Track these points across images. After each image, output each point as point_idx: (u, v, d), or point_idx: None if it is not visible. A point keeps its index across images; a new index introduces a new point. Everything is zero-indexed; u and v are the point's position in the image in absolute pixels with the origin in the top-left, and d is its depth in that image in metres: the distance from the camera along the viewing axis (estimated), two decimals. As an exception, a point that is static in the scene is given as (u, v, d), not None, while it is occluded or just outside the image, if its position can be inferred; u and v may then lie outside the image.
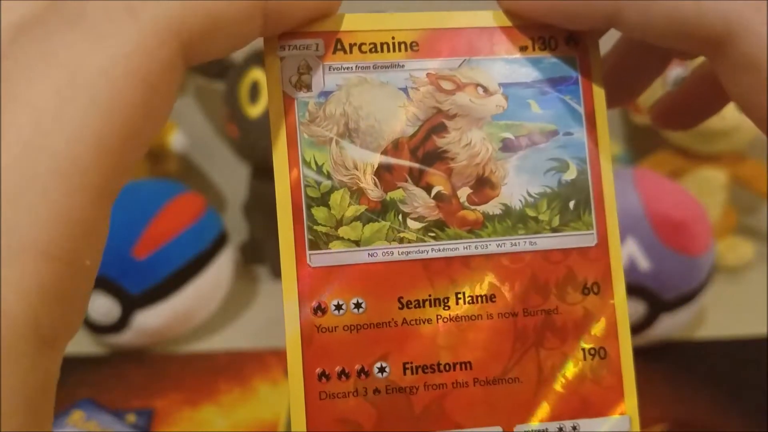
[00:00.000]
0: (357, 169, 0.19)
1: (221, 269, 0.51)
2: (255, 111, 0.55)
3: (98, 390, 0.47)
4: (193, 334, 0.52)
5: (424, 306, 0.19)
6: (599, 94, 0.19)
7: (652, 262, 0.46)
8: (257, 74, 0.55)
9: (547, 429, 0.19)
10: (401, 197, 0.19)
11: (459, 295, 0.19)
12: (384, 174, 0.19)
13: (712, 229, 0.49)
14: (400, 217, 0.19)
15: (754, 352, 0.49)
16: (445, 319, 0.19)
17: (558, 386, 0.19)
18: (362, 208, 0.19)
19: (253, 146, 0.55)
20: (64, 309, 0.14)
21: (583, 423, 0.19)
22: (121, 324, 0.48)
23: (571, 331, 0.19)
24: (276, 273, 0.57)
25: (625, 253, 0.46)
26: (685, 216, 0.47)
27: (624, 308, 0.19)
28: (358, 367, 0.18)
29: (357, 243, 0.19)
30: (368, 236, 0.19)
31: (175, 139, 0.59)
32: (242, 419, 0.45)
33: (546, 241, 0.19)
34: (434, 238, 0.19)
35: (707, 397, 0.46)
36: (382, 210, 0.19)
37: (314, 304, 0.18)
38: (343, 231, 0.19)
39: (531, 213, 0.19)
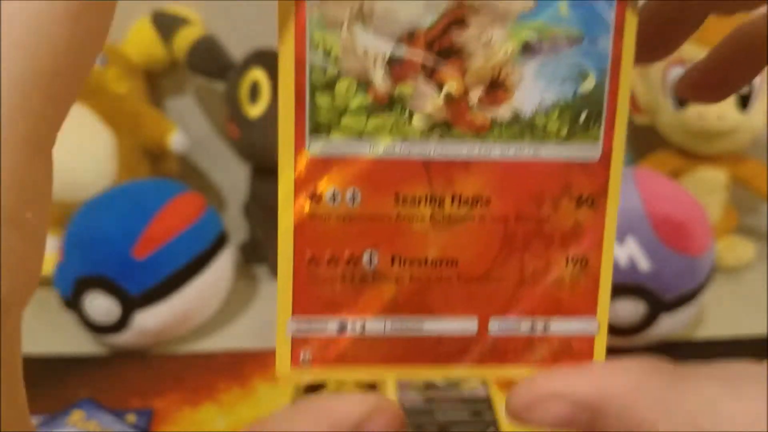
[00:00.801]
0: (367, 58, 0.18)
1: (221, 269, 0.51)
2: (255, 111, 0.55)
3: (98, 390, 0.47)
4: (193, 334, 0.52)
5: (419, 204, 0.19)
6: (633, 6, 0.18)
7: (652, 262, 0.46)
8: (257, 74, 0.55)
9: (520, 324, 0.19)
10: (410, 92, 0.18)
11: (455, 197, 0.19)
12: (395, 66, 0.18)
13: (712, 229, 0.49)
14: (406, 113, 0.18)
15: (754, 352, 0.49)
16: (438, 218, 0.19)
17: (536, 288, 0.19)
18: (368, 99, 0.18)
19: (253, 146, 0.55)
20: (9, 268, 0.13)
21: (554, 322, 0.19)
22: (121, 324, 0.48)
23: (559, 240, 0.19)
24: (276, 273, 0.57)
25: (625, 253, 0.46)
26: (685, 216, 0.47)
27: (613, 224, 0.19)
28: (347, 255, 0.19)
29: (359, 135, 0.18)
30: (371, 129, 0.18)
31: (175, 140, 0.59)
32: (242, 419, 0.45)
33: (549, 151, 0.19)
34: (439, 137, 0.19)
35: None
36: (389, 104, 0.18)
37: (310, 191, 0.18)
38: (346, 121, 0.18)
39: (540, 121, 0.19)
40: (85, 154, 0.54)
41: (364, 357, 0.19)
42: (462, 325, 0.19)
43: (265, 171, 0.58)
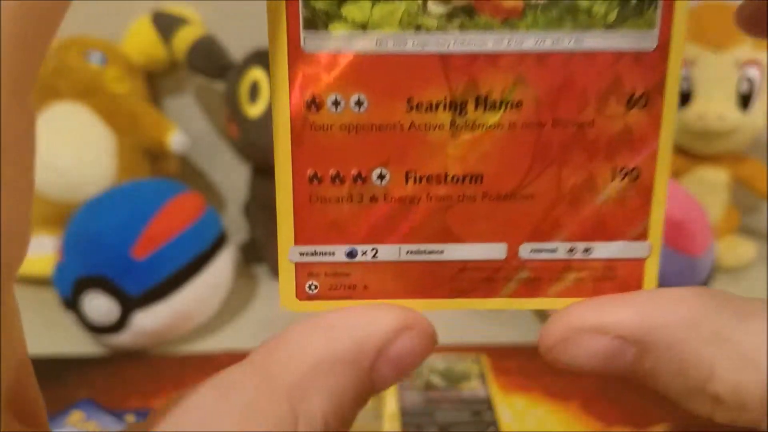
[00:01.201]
0: None
1: (221, 269, 0.51)
2: (255, 110, 0.55)
3: (97, 390, 0.47)
4: (192, 334, 0.52)
5: (436, 110, 0.16)
6: None
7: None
8: (257, 74, 0.55)
9: (556, 248, 0.17)
10: None
11: (479, 100, 0.16)
12: None
13: (712, 229, 0.49)
14: None
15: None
16: (460, 127, 0.16)
17: (576, 206, 0.16)
18: None
19: (253, 146, 0.55)
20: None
21: (598, 246, 0.17)
22: (120, 324, 0.48)
23: (604, 148, 0.16)
24: (276, 273, 0.57)
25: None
26: (685, 216, 0.47)
27: (671, 128, 0.16)
28: (354, 171, 0.16)
29: (363, 27, 0.15)
30: (377, 19, 0.15)
31: (175, 139, 0.59)
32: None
33: (595, 40, 0.16)
34: (459, 27, 0.15)
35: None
36: None
37: (308, 97, 0.16)
38: (347, 10, 0.15)
39: (584, 4, 0.15)
40: (84, 154, 0.54)
41: (377, 287, 0.17)
42: (488, 250, 0.17)
43: (265, 171, 0.58)
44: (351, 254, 0.17)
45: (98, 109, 0.56)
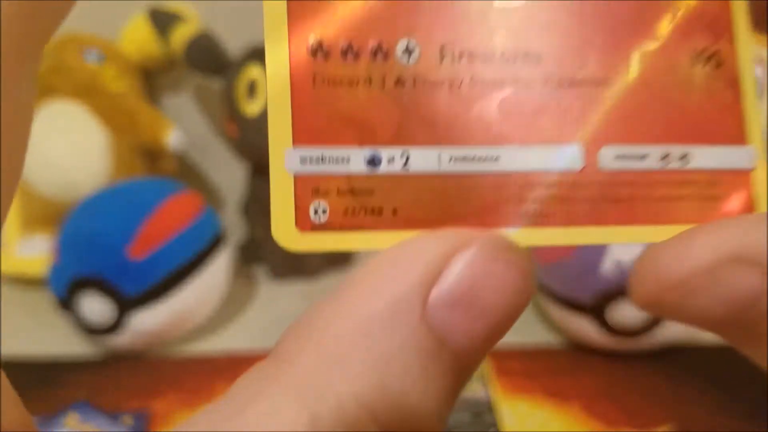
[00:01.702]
0: None
1: (219, 270, 0.51)
2: (253, 109, 0.54)
3: (94, 392, 0.47)
4: (190, 335, 0.52)
5: None
6: None
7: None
8: (255, 71, 0.55)
9: (647, 154, 0.13)
10: None
11: None
12: None
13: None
14: None
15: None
16: None
17: (659, 97, 0.13)
18: None
19: (252, 145, 0.55)
20: None
21: (696, 151, 0.13)
22: (116, 325, 0.48)
23: (680, 24, 0.13)
24: (276, 273, 0.57)
25: (629, 255, 0.46)
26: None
27: (744, 12, 0.13)
28: (373, 43, 0.12)
29: None
30: None
31: (172, 138, 0.59)
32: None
33: None
34: None
35: (712, 398, 0.46)
36: None
37: None
38: None
39: None
40: (80, 153, 0.54)
41: (412, 211, 0.12)
42: (558, 156, 0.13)
43: (264, 170, 0.58)
44: (373, 161, 0.12)
45: (95, 107, 0.56)
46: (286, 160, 0.12)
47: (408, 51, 0.13)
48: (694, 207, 0.13)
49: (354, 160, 0.12)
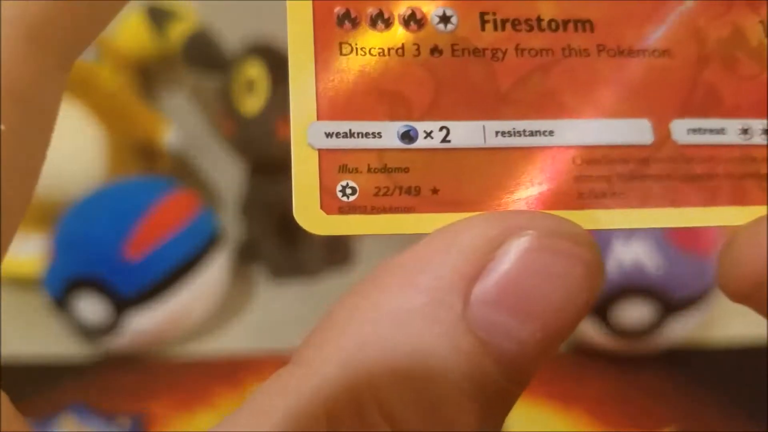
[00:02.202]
0: None
1: (216, 270, 0.51)
2: (251, 107, 0.54)
3: (90, 394, 0.47)
4: (187, 336, 0.51)
5: None
6: None
7: (659, 263, 0.45)
8: (253, 69, 0.54)
9: (724, 128, 0.11)
10: None
11: None
12: None
13: (720, 229, 0.49)
14: None
15: (765, 356, 0.49)
16: None
17: (730, 67, 0.12)
18: None
19: (250, 143, 0.55)
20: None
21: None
22: (113, 326, 0.47)
23: None
24: (276, 273, 0.56)
25: (631, 254, 0.45)
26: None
27: None
28: (405, 10, 0.11)
29: None
30: None
31: (169, 137, 0.58)
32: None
33: None
34: None
35: (717, 400, 0.46)
36: None
37: None
38: None
39: None
40: (75, 151, 0.54)
41: (454, 192, 0.11)
42: (626, 129, 0.11)
43: (262, 169, 0.57)
44: (407, 136, 0.11)
45: (90, 105, 0.56)
46: (309, 135, 0.11)
47: (445, 18, 0.11)
48: None
49: (386, 133, 0.11)
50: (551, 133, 0.11)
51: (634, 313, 0.45)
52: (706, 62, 0.12)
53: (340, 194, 0.11)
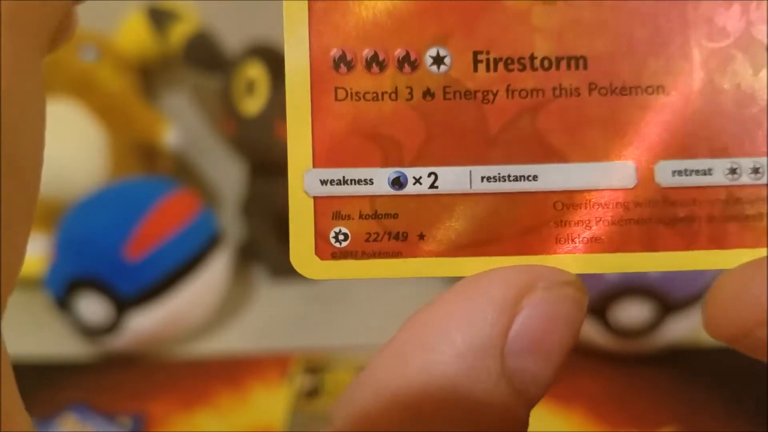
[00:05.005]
0: None
1: (217, 270, 0.51)
2: (252, 107, 0.54)
3: (91, 394, 0.47)
4: (188, 336, 0.51)
5: None
6: None
7: (658, 262, 0.45)
8: (254, 69, 0.54)
9: (711, 168, 0.11)
10: None
11: None
12: None
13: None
14: None
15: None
16: None
17: (725, 104, 0.11)
18: None
19: (250, 143, 0.55)
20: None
21: (754, 161, 0.11)
22: (114, 326, 0.48)
23: (744, 17, 0.11)
24: (275, 273, 0.56)
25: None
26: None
27: None
28: (399, 52, 0.11)
29: None
30: None
31: (170, 137, 0.58)
32: (238, 423, 0.45)
33: None
34: None
35: (716, 399, 0.45)
36: None
37: None
38: None
39: None
40: (76, 152, 0.54)
41: (441, 237, 0.11)
42: (608, 173, 0.11)
43: (262, 169, 0.57)
44: (398, 182, 0.12)
45: (91, 105, 0.56)
46: (305, 182, 0.12)
47: (438, 59, 0.12)
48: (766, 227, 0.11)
49: (378, 180, 0.12)
50: (535, 177, 0.11)
51: (634, 312, 0.45)
52: (698, 99, 0.12)
53: (333, 240, 0.12)
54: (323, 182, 0.12)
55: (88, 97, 0.56)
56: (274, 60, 0.54)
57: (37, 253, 0.52)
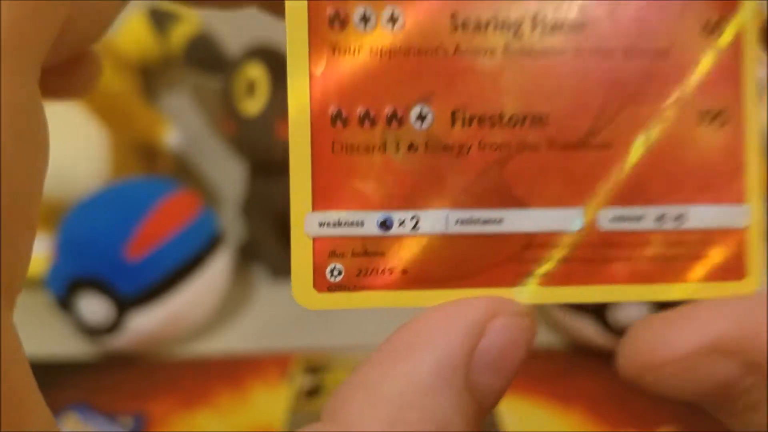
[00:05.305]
0: None
1: (217, 270, 0.51)
2: (253, 107, 0.54)
3: (92, 394, 0.47)
4: (188, 336, 0.51)
5: (486, 29, 0.13)
6: None
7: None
8: (255, 70, 0.54)
9: (643, 215, 0.13)
10: None
11: (537, 19, 0.13)
12: None
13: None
14: None
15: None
16: (515, 52, 0.13)
17: (660, 159, 0.13)
18: None
19: (251, 143, 0.55)
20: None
21: (692, 211, 0.13)
22: (115, 326, 0.48)
23: (683, 83, 0.13)
24: (275, 273, 0.56)
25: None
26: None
27: (754, 64, 0.13)
28: (388, 110, 0.13)
29: None
30: None
31: (170, 137, 0.58)
32: (238, 423, 0.45)
33: None
34: None
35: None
36: None
37: (330, 9, 0.13)
38: None
39: None
40: (77, 152, 0.54)
41: (419, 272, 0.13)
42: (560, 218, 0.13)
43: (263, 169, 0.57)
44: (385, 224, 0.13)
45: (91, 105, 0.56)
46: (305, 224, 0.13)
47: (421, 117, 0.13)
48: (685, 266, 0.14)
49: (368, 223, 0.13)
50: (501, 221, 0.13)
51: (633, 312, 0.45)
52: (642, 153, 0.13)
53: (329, 275, 0.13)
54: (321, 224, 0.13)
55: (89, 97, 0.56)
56: (274, 61, 0.54)
57: (38, 253, 0.52)
